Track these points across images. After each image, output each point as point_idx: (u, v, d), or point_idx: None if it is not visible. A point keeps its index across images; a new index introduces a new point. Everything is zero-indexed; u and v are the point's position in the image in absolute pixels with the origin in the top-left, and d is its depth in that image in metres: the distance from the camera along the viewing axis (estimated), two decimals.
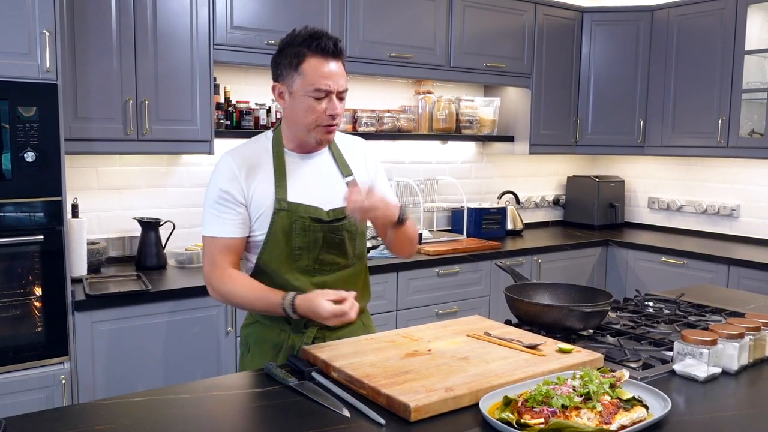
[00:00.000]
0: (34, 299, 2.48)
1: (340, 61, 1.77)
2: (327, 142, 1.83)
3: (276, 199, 1.79)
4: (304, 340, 1.83)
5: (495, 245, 3.88)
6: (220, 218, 1.79)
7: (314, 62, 1.72)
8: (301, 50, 1.72)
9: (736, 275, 3.69)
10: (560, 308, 1.90)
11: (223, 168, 1.81)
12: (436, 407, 1.37)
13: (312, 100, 1.74)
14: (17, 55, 2.36)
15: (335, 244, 1.84)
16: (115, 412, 1.40)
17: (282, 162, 1.83)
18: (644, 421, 1.30)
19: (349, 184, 1.82)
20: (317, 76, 1.72)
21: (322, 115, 1.75)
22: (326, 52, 1.73)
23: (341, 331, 1.88)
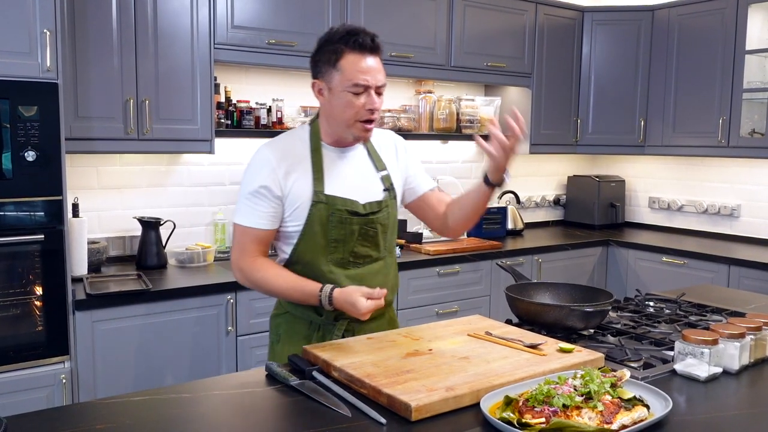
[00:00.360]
0: (34, 298, 2.48)
1: (377, 57, 1.80)
2: (365, 138, 1.88)
3: (314, 192, 1.82)
4: (335, 332, 1.88)
5: (495, 245, 3.88)
6: (255, 210, 1.82)
7: (352, 58, 1.76)
8: (339, 47, 1.76)
9: (736, 275, 3.69)
10: (561, 308, 1.90)
11: (261, 161, 1.84)
12: (437, 407, 1.37)
13: (351, 96, 1.77)
14: (18, 55, 2.36)
15: (369, 237, 1.88)
16: (116, 412, 1.40)
17: (320, 156, 1.86)
18: (645, 421, 1.30)
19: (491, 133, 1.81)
20: (355, 71, 1.75)
21: (361, 110, 1.78)
22: (364, 47, 1.76)
23: (370, 325, 1.92)
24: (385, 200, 1.92)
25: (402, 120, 3.89)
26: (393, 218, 1.96)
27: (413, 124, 3.97)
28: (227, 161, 3.50)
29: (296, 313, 1.93)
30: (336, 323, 1.89)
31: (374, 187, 1.91)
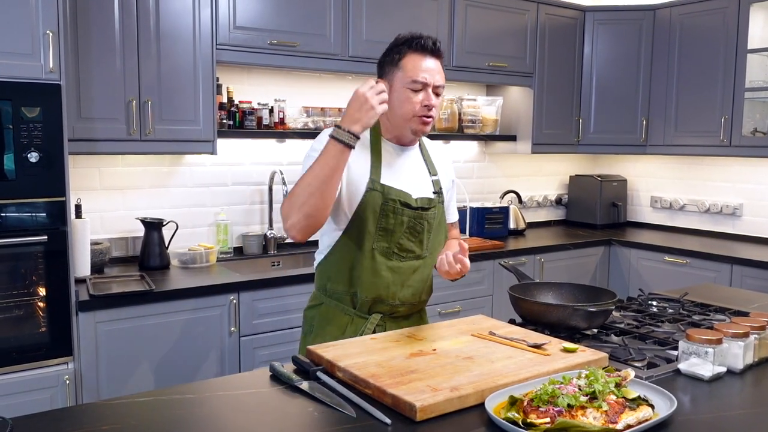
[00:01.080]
0: (37, 299, 2.48)
1: (438, 60, 1.90)
2: (422, 133, 1.94)
3: (370, 179, 1.89)
4: (368, 325, 1.92)
5: (498, 245, 3.88)
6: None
7: (413, 57, 1.87)
8: (402, 48, 1.89)
9: (739, 274, 3.68)
10: (565, 308, 1.90)
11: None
12: (442, 407, 1.37)
13: (410, 92, 1.86)
14: (21, 56, 2.36)
15: (416, 232, 1.94)
16: (120, 413, 1.40)
17: (379, 148, 1.94)
18: (650, 421, 1.30)
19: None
20: (415, 69, 1.86)
21: (419, 106, 1.87)
22: (425, 49, 1.87)
23: (402, 321, 1.99)
24: (434, 201, 1.99)
25: None
26: (439, 220, 2.01)
27: None
28: (229, 162, 3.50)
29: (331, 304, 1.99)
30: (369, 316, 1.94)
31: (426, 185, 1.99)
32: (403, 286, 1.96)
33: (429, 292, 2.10)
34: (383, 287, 1.93)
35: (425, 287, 2.05)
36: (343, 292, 1.96)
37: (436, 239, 2.02)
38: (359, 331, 1.93)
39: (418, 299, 2.03)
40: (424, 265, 2.01)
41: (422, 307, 2.11)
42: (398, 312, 1.98)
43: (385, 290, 1.93)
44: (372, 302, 1.94)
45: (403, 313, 2.00)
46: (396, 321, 1.99)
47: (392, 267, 1.93)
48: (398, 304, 1.96)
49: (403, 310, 1.99)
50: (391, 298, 1.95)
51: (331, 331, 1.96)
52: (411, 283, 1.98)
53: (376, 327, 1.94)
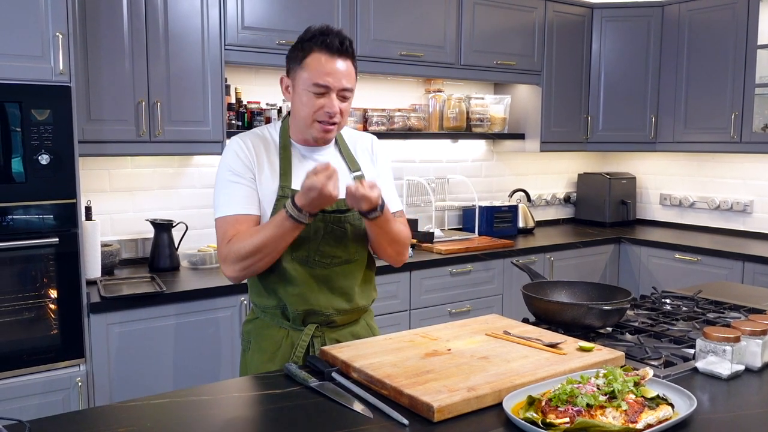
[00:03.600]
0: (49, 302, 2.48)
1: (347, 60, 1.75)
2: (324, 141, 1.82)
3: (280, 186, 1.79)
4: (303, 337, 1.82)
5: (507, 243, 3.86)
6: (232, 196, 1.77)
7: (317, 57, 1.73)
8: (309, 45, 1.74)
9: (751, 271, 3.66)
10: (579, 306, 1.88)
11: (233, 146, 1.81)
12: (459, 407, 1.36)
13: (311, 95, 1.74)
14: (31, 58, 2.36)
15: (336, 236, 1.81)
16: (136, 415, 1.39)
17: (288, 152, 1.83)
18: (670, 420, 1.29)
19: (355, 179, 1.75)
20: (317, 71, 1.72)
21: (319, 111, 1.74)
22: (330, 48, 1.73)
23: (342, 331, 1.88)
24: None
25: (412, 119, 3.88)
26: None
27: (423, 123, 3.96)
28: None
29: (266, 318, 1.88)
30: (303, 328, 1.83)
31: (344, 186, 1.75)
32: (333, 293, 1.83)
33: (368, 296, 1.94)
34: (311, 297, 1.80)
35: (362, 292, 1.90)
36: (273, 306, 1.84)
37: (365, 239, 1.87)
38: (295, 344, 1.81)
39: (355, 306, 1.87)
40: (356, 269, 1.87)
41: (363, 314, 1.95)
42: (335, 322, 1.85)
43: (315, 300, 1.81)
44: (304, 314, 1.81)
45: (340, 323, 1.87)
46: (335, 330, 1.86)
47: (317, 275, 1.81)
48: (332, 313, 1.83)
49: (339, 319, 1.85)
50: (323, 308, 1.82)
51: (267, 347, 1.85)
52: (342, 290, 1.84)
53: (313, 338, 1.81)
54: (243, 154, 1.79)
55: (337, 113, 1.75)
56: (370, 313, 2.02)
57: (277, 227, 1.67)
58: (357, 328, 1.92)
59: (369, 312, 2.01)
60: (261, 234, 1.69)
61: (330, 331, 1.86)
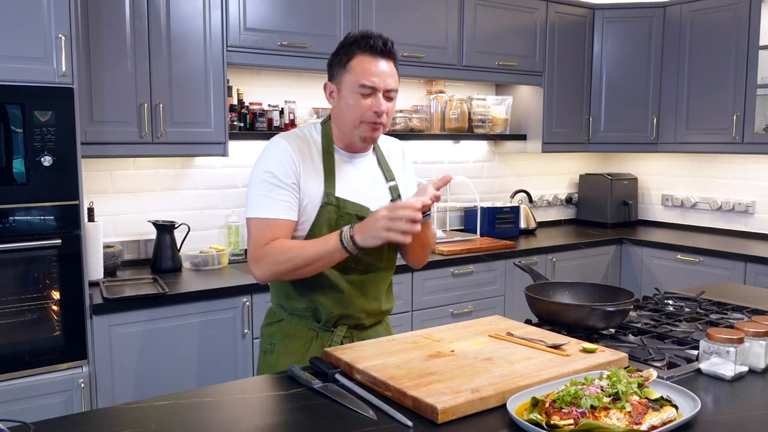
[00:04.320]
0: (51, 303, 2.48)
1: (390, 61, 1.79)
2: (372, 140, 1.84)
3: (325, 193, 1.79)
4: (334, 338, 1.85)
5: (509, 244, 3.86)
6: (271, 199, 1.76)
7: (362, 59, 1.76)
8: (352, 49, 1.77)
9: (753, 272, 3.66)
10: (582, 307, 1.88)
11: (278, 148, 1.80)
12: (463, 409, 1.36)
13: (358, 97, 1.76)
14: (33, 60, 2.37)
15: (376, 247, 1.79)
16: (140, 416, 1.39)
17: (332, 158, 1.84)
18: (675, 422, 1.29)
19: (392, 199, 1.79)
20: (364, 72, 1.75)
21: (368, 112, 1.76)
22: (374, 50, 1.76)
23: (368, 331, 1.92)
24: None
25: (414, 120, 3.88)
26: None
27: (425, 124, 3.96)
28: (240, 164, 3.50)
29: (292, 320, 1.89)
30: (335, 329, 1.86)
31: (383, 196, 1.89)
32: (366, 298, 1.88)
33: (391, 299, 2.01)
34: (346, 302, 1.84)
35: (387, 297, 1.97)
36: (304, 308, 1.87)
37: (397, 246, 1.91)
38: (326, 344, 1.84)
39: (380, 309, 1.94)
40: (387, 275, 1.94)
41: (385, 317, 2.02)
42: (364, 324, 1.90)
43: (350, 305, 1.85)
44: (338, 317, 1.85)
45: (368, 324, 1.92)
46: (362, 331, 1.91)
47: (352, 281, 1.84)
48: (363, 316, 1.88)
49: (368, 321, 1.91)
50: (357, 312, 1.87)
51: (296, 348, 1.87)
52: (374, 294, 1.90)
53: (344, 339, 1.86)
54: (288, 158, 1.78)
55: (384, 113, 1.77)
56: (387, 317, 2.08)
57: (327, 252, 1.68)
58: (380, 329, 1.98)
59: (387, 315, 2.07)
60: (308, 251, 1.69)
61: (357, 332, 1.90)
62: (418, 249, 1.93)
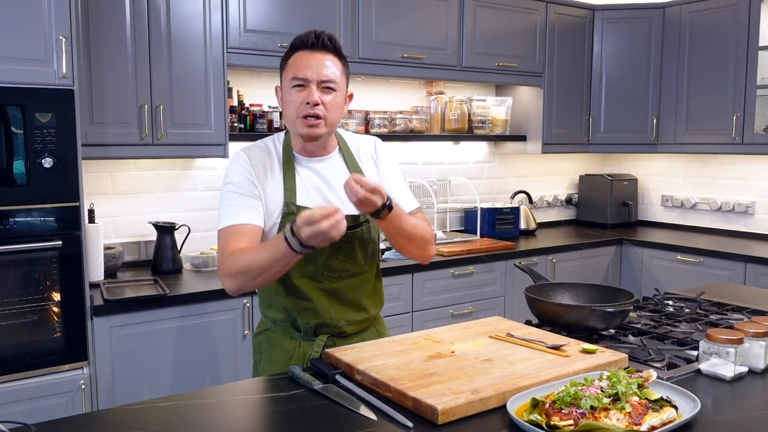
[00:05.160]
0: (52, 305, 2.49)
1: (327, 54, 1.74)
2: (311, 137, 1.75)
3: (285, 203, 1.76)
4: (314, 348, 1.82)
5: (509, 245, 3.87)
6: (234, 206, 1.74)
7: (297, 56, 1.75)
8: (290, 50, 1.77)
9: (753, 273, 3.66)
10: (582, 308, 1.88)
11: (237, 160, 1.80)
12: (463, 409, 1.36)
13: (293, 92, 1.73)
14: (34, 62, 2.37)
15: (344, 252, 1.80)
16: (142, 417, 1.40)
17: (291, 165, 1.81)
18: (674, 422, 1.29)
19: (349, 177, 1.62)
20: (296, 66, 1.73)
21: (301, 105, 1.71)
22: (306, 43, 1.74)
23: (352, 339, 1.87)
24: (363, 214, 1.78)
25: (414, 121, 3.89)
26: (375, 231, 1.87)
27: (425, 125, 3.97)
28: None
29: (276, 329, 1.88)
30: (315, 338, 1.83)
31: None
32: (343, 305, 1.84)
33: (378, 304, 1.95)
34: (322, 311, 1.81)
35: (371, 302, 1.91)
36: (284, 319, 1.85)
37: (374, 248, 1.88)
38: (308, 354, 1.81)
39: (365, 315, 1.89)
40: (366, 279, 1.88)
41: (373, 322, 1.96)
42: (346, 332, 1.86)
43: (326, 314, 1.81)
44: (315, 326, 1.82)
45: (351, 332, 1.88)
46: (346, 339, 1.86)
47: (327, 289, 1.81)
48: (344, 324, 1.84)
49: (350, 329, 1.87)
50: (334, 320, 1.83)
51: (278, 359, 1.85)
52: (352, 301, 1.85)
53: (325, 347, 1.80)
54: (246, 169, 1.77)
55: (318, 103, 1.71)
56: (380, 320, 2.03)
57: (276, 251, 1.60)
58: (367, 336, 1.92)
59: (379, 319, 2.01)
60: (260, 254, 1.64)
61: (341, 340, 1.86)
62: (405, 242, 1.80)
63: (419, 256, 1.89)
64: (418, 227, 1.82)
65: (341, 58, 1.78)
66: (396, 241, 1.81)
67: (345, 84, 1.80)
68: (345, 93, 1.81)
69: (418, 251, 1.86)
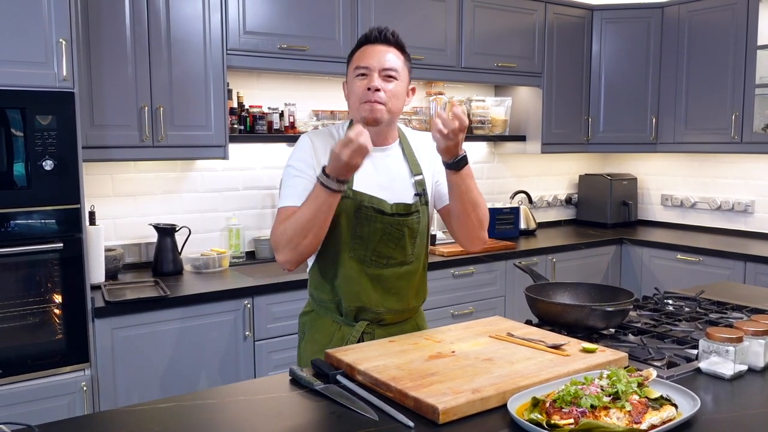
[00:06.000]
0: (53, 307, 2.49)
1: (389, 47, 1.84)
2: (373, 121, 1.81)
3: None
4: (353, 333, 1.88)
5: (509, 245, 3.87)
6: (294, 188, 1.82)
7: (362, 49, 1.86)
8: (354, 48, 1.90)
9: (752, 272, 3.67)
10: (582, 308, 1.89)
11: (299, 144, 1.89)
12: (464, 409, 1.37)
13: (357, 80, 1.83)
14: (34, 64, 2.37)
15: (394, 239, 1.86)
16: (143, 419, 1.40)
17: None
18: (674, 420, 1.30)
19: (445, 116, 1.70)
20: (360, 57, 1.84)
21: (363, 91, 1.80)
22: (369, 38, 1.86)
23: (392, 329, 1.93)
24: (416, 205, 1.89)
25: (413, 122, 3.90)
26: (425, 224, 1.93)
27: (424, 126, 3.97)
28: (240, 166, 3.51)
29: (320, 311, 1.96)
30: (355, 324, 1.90)
31: (405, 189, 1.89)
32: (386, 293, 1.89)
33: (421, 297, 2.02)
34: (364, 295, 1.87)
35: (414, 293, 1.97)
36: (328, 300, 1.92)
37: (423, 242, 1.94)
38: (345, 339, 1.88)
39: (406, 306, 1.95)
40: (412, 270, 1.93)
41: (413, 314, 2.03)
42: (385, 320, 1.92)
43: (367, 298, 1.87)
44: (356, 310, 1.88)
45: (390, 321, 1.93)
46: (385, 328, 1.92)
47: (372, 274, 1.87)
48: (383, 312, 1.90)
49: (389, 317, 1.92)
50: (375, 306, 1.88)
51: (320, 339, 1.93)
52: (396, 290, 1.91)
53: (364, 335, 1.88)
54: (307, 153, 1.86)
55: (380, 90, 1.79)
56: (420, 313, 2.08)
57: (313, 198, 1.70)
58: (406, 327, 1.98)
59: (419, 312, 2.07)
60: (302, 211, 1.72)
61: (379, 329, 1.91)
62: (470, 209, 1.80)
63: (475, 234, 1.87)
64: (481, 197, 1.84)
65: (403, 52, 1.88)
66: (462, 205, 1.80)
67: (407, 76, 1.88)
68: (407, 85, 1.89)
69: (477, 224, 1.84)
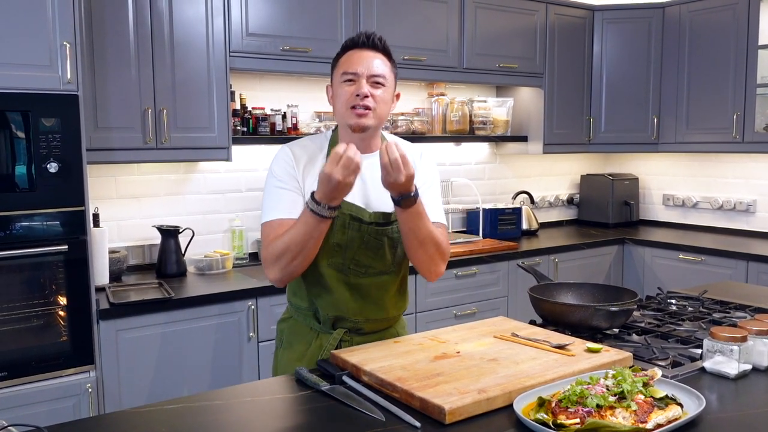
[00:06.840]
0: (58, 309, 2.50)
1: (376, 52, 1.81)
2: (359, 127, 1.78)
3: None
4: (330, 341, 1.86)
5: (512, 246, 3.88)
6: (277, 201, 1.81)
7: (348, 54, 1.82)
8: (341, 50, 1.85)
9: (755, 271, 3.67)
10: (586, 308, 1.90)
11: (281, 157, 1.87)
12: (470, 409, 1.37)
13: (343, 86, 1.79)
14: (38, 67, 2.38)
15: (373, 248, 1.83)
16: (150, 420, 1.41)
17: None
18: (680, 420, 1.30)
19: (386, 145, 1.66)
20: (347, 63, 1.81)
21: (351, 97, 1.77)
22: (356, 43, 1.82)
23: (371, 337, 1.90)
24: (395, 214, 1.78)
25: (415, 123, 3.90)
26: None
27: (426, 127, 3.98)
28: (243, 168, 3.52)
29: (298, 318, 1.94)
30: (333, 332, 1.87)
31: (386, 198, 1.76)
32: (365, 302, 1.87)
33: (401, 306, 1.99)
34: (342, 304, 1.85)
35: (394, 302, 1.94)
36: (306, 308, 1.91)
37: (404, 251, 1.87)
38: (323, 346, 1.86)
39: (385, 315, 1.92)
40: (392, 280, 1.90)
41: (394, 323, 1.99)
42: (363, 329, 1.89)
43: (345, 307, 1.85)
44: (334, 319, 1.87)
45: (369, 330, 1.90)
46: (364, 336, 1.89)
47: (350, 283, 1.84)
48: (361, 321, 1.87)
49: (368, 326, 1.89)
50: (353, 315, 1.86)
51: (298, 347, 1.91)
52: (375, 299, 1.88)
53: (342, 342, 1.85)
54: (288, 164, 1.84)
55: (368, 96, 1.76)
56: (401, 321, 2.05)
57: (303, 224, 1.69)
58: (385, 336, 1.93)
59: (400, 321, 2.04)
60: (290, 232, 1.71)
61: (358, 337, 1.89)
62: (416, 245, 1.76)
63: (427, 267, 1.84)
64: (435, 234, 1.79)
65: (390, 58, 1.85)
66: (408, 242, 1.78)
67: (393, 82, 1.86)
68: (393, 91, 1.87)
69: (428, 259, 1.81)
